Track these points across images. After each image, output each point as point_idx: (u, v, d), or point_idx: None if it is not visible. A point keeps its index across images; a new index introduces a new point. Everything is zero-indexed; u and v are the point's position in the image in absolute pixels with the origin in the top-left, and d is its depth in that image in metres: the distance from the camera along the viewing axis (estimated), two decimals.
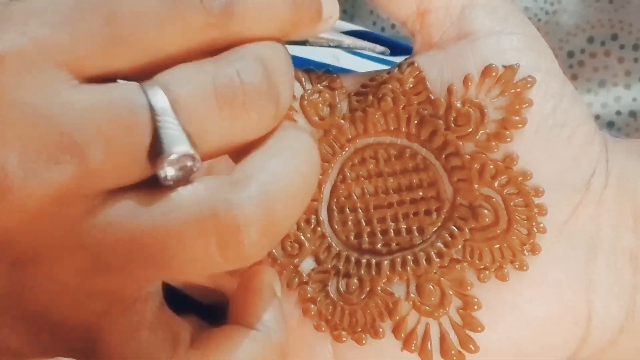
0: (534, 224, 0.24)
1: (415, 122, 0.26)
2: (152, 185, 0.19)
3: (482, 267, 0.24)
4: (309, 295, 0.25)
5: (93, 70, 0.19)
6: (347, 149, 0.27)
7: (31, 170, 0.18)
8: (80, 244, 0.19)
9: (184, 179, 0.19)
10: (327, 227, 0.26)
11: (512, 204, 0.24)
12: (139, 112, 0.19)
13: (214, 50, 0.21)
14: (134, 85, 0.19)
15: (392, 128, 0.26)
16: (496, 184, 0.24)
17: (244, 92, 0.20)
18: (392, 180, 0.26)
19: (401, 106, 0.26)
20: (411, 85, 0.26)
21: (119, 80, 0.20)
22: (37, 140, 0.18)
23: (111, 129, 0.18)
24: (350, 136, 0.27)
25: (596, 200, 0.25)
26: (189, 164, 0.19)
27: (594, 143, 0.25)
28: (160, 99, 0.19)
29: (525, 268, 0.24)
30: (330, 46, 0.27)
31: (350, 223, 0.26)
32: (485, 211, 0.24)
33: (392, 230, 0.25)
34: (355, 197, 0.26)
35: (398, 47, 0.36)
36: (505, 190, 0.24)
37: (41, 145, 0.18)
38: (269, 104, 0.21)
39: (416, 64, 0.26)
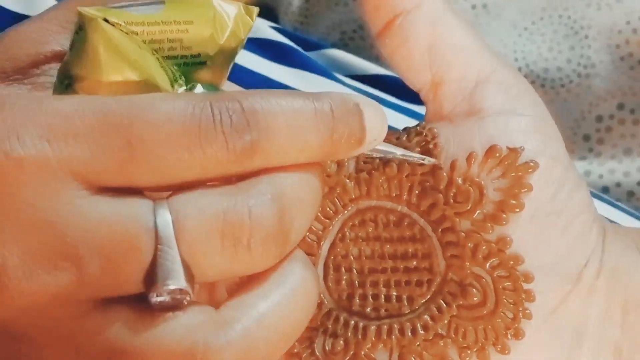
0: (520, 309, 0.24)
1: (417, 192, 0.26)
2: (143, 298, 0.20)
3: (464, 345, 0.24)
4: (295, 350, 0.26)
5: (108, 183, 0.20)
6: (349, 208, 0.27)
7: (30, 271, 0.19)
8: (68, 341, 0.20)
9: (173, 307, 0.20)
10: (322, 283, 0.27)
11: (501, 286, 0.24)
12: (143, 236, 0.19)
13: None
14: (144, 205, 0.19)
15: (394, 194, 0.27)
16: (487, 265, 0.25)
17: (251, 233, 0.20)
18: (388, 246, 0.26)
19: (405, 174, 0.26)
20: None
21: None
22: (41, 245, 0.19)
23: (113, 247, 0.19)
24: (353, 196, 0.27)
25: (586, 290, 0.25)
26: (180, 296, 0.19)
27: (591, 233, 0.25)
28: (166, 227, 0.19)
29: (507, 352, 0.24)
30: None
31: (344, 282, 0.27)
32: (474, 290, 0.25)
33: (383, 296, 0.26)
34: (352, 257, 0.27)
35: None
36: (495, 272, 0.25)
37: (44, 249, 0.19)
38: (275, 247, 0.20)
39: (424, 134, 0.26)
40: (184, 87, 0.22)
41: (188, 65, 0.23)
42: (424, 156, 0.26)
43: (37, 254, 0.19)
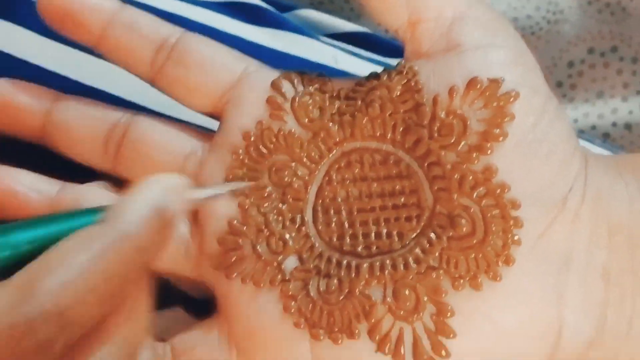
0: (509, 235, 0.25)
1: (401, 129, 0.26)
2: None
3: (457, 275, 0.25)
4: (290, 292, 0.26)
5: None
6: (334, 152, 0.27)
7: None
8: None
9: None
10: (312, 227, 0.27)
11: (489, 215, 0.25)
12: None
13: None
14: None
15: (378, 134, 0.27)
16: (475, 194, 0.25)
17: None
18: (375, 185, 0.27)
19: (388, 113, 0.26)
20: (399, 93, 0.26)
21: None
22: None
23: None
24: (337, 139, 0.27)
25: (572, 216, 0.25)
26: None
27: (573, 160, 0.26)
28: None
29: (498, 279, 0.24)
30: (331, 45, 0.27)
31: (333, 224, 0.27)
32: (463, 221, 0.25)
33: (373, 234, 0.26)
34: (339, 199, 0.27)
35: (396, 48, 0.37)
36: (483, 202, 0.25)
37: None
38: None
39: (404, 73, 0.27)
40: None
41: None
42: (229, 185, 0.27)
43: None
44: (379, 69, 0.28)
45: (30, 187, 0.29)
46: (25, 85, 0.30)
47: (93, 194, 0.29)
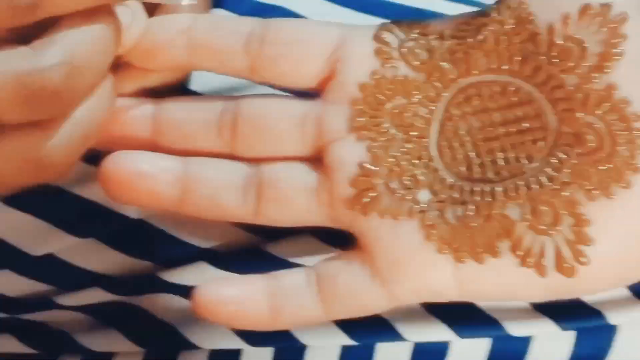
0: (635, 145, 0.26)
1: (518, 59, 0.28)
2: None
3: (590, 187, 0.26)
4: (429, 222, 0.28)
5: None
6: (450, 88, 0.29)
7: None
8: None
9: None
10: (439, 162, 0.29)
11: (614, 129, 0.27)
12: None
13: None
14: None
15: (493, 66, 0.28)
16: (599, 111, 0.27)
17: (42, 93, 0.24)
18: (497, 115, 0.28)
19: (503, 46, 0.28)
20: (512, 26, 0.28)
21: None
22: None
23: None
24: (452, 77, 0.29)
25: None
26: None
27: None
28: None
29: (629, 186, 0.26)
30: None
31: (459, 156, 0.28)
32: (590, 137, 0.27)
33: (501, 160, 0.28)
34: (462, 132, 0.29)
35: None
36: (607, 117, 0.27)
37: None
38: (62, 104, 0.25)
39: (514, 6, 0.28)
40: None
41: None
42: None
43: None
44: (468, 8, 0.30)
45: (156, 166, 0.30)
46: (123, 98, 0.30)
47: (216, 167, 0.30)
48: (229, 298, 0.29)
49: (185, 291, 0.33)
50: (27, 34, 0.25)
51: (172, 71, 0.31)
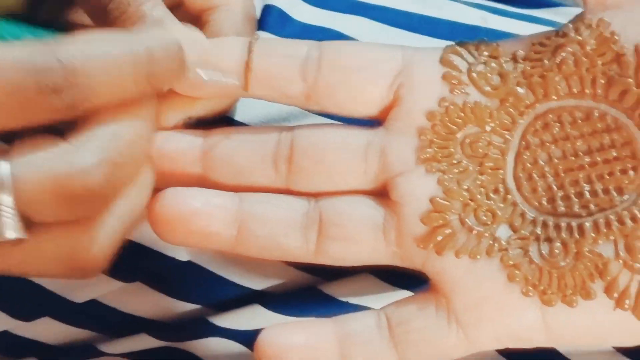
0: None
1: (602, 82, 0.26)
2: None
3: None
4: (511, 262, 0.25)
5: None
6: (527, 115, 0.27)
7: None
8: None
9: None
10: (517, 194, 0.26)
11: None
12: None
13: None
14: None
15: (575, 91, 0.26)
16: None
17: (84, 194, 0.23)
18: (580, 143, 0.26)
19: (584, 68, 0.26)
20: (593, 47, 0.26)
21: None
22: None
23: None
24: (528, 102, 0.27)
25: None
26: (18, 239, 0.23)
27: None
28: (5, 186, 0.22)
29: None
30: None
31: (540, 189, 0.26)
32: None
33: (587, 192, 0.26)
34: (541, 162, 0.26)
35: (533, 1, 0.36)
36: None
37: None
38: (102, 202, 0.24)
39: (595, 25, 0.26)
40: None
41: None
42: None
43: None
44: (529, 26, 0.28)
45: (210, 203, 0.28)
46: (172, 131, 0.28)
47: (274, 203, 0.28)
48: (297, 346, 0.26)
49: (237, 335, 0.31)
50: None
51: (219, 99, 0.29)
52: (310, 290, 0.31)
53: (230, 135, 0.28)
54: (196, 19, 0.30)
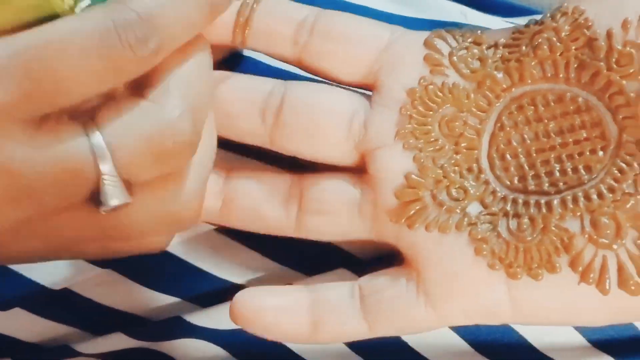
0: None
1: (575, 66, 0.27)
2: None
3: None
4: (479, 236, 0.26)
5: (42, 113, 0.22)
6: (503, 98, 0.28)
7: None
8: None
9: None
10: (490, 173, 0.27)
11: None
12: (85, 167, 0.22)
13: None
14: (80, 138, 0.22)
15: (549, 75, 0.27)
16: None
17: (174, 147, 0.23)
18: (552, 124, 0.27)
19: (558, 53, 0.27)
20: (567, 33, 0.27)
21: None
22: (3, 197, 0.22)
23: (62, 180, 0.22)
24: (505, 86, 0.28)
25: None
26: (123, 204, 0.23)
27: None
28: (104, 156, 0.22)
29: None
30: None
31: (512, 168, 0.27)
32: None
33: (557, 171, 0.26)
34: (515, 143, 0.27)
35: (507, 7, 0.37)
36: None
37: (6, 192, 0.21)
38: (192, 149, 0.24)
39: (570, 13, 0.27)
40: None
41: None
42: None
43: (4, 197, 0.22)
44: (508, 24, 0.29)
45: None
46: None
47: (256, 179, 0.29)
48: (268, 307, 0.27)
49: (216, 336, 0.32)
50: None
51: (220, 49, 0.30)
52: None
53: (227, 79, 0.29)
54: None
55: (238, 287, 0.32)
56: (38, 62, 0.21)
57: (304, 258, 0.31)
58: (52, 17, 0.22)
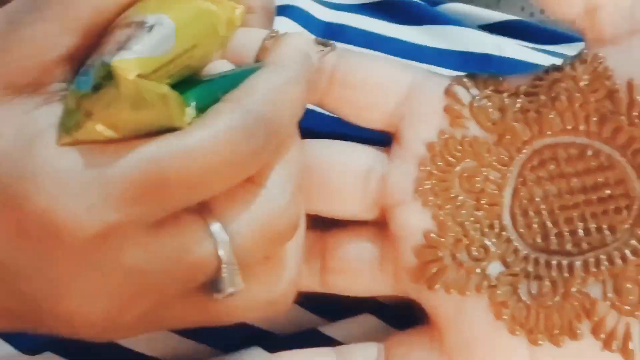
0: None
1: (595, 119, 0.26)
2: None
3: None
4: (499, 299, 0.25)
5: (166, 216, 0.22)
6: (524, 151, 0.27)
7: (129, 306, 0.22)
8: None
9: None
10: (512, 231, 0.26)
11: None
12: (207, 259, 0.22)
13: None
14: (201, 231, 0.22)
15: (569, 127, 0.26)
16: None
17: (287, 231, 0.24)
18: (575, 181, 0.26)
19: (577, 104, 0.26)
20: (587, 83, 0.26)
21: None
22: (133, 286, 0.22)
23: (185, 273, 0.22)
24: (525, 138, 0.27)
25: None
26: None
27: None
28: (225, 247, 0.22)
29: None
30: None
31: (535, 226, 0.26)
32: None
33: (580, 231, 0.25)
34: (537, 199, 0.26)
35: (549, 34, 0.36)
36: None
37: (134, 289, 0.22)
38: (294, 232, 0.24)
39: (589, 61, 0.26)
40: (193, 110, 0.23)
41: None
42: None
43: (133, 294, 0.22)
44: (546, 57, 0.28)
45: None
46: None
47: None
48: None
49: None
50: None
51: None
52: (310, 332, 0.31)
53: None
54: None
55: (262, 333, 0.32)
56: (176, 172, 0.21)
57: (328, 302, 0.31)
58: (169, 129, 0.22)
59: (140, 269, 0.22)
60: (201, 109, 0.22)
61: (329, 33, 0.36)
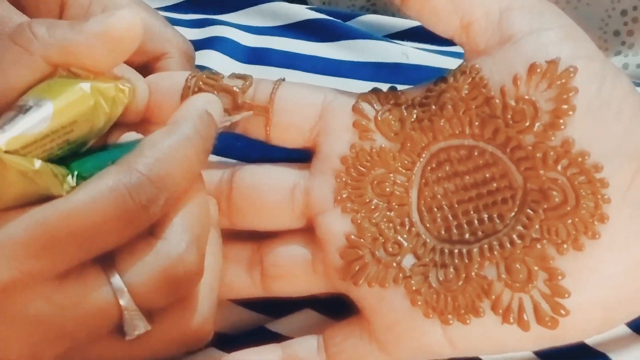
0: (598, 196, 0.27)
1: (477, 123, 0.29)
2: None
3: (559, 241, 0.27)
4: (414, 287, 0.29)
5: (70, 268, 0.25)
6: (423, 155, 0.30)
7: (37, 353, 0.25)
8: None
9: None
10: (420, 226, 0.30)
11: (576, 182, 0.27)
12: (109, 307, 0.25)
13: None
14: (101, 282, 0.25)
15: (457, 132, 0.30)
16: (559, 167, 0.28)
17: (186, 275, 0.26)
18: (467, 178, 0.29)
19: (461, 111, 0.29)
20: (467, 92, 0.29)
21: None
22: (43, 334, 0.25)
23: (90, 320, 0.25)
24: (423, 144, 0.30)
25: None
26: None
27: None
28: (123, 295, 0.25)
29: (597, 236, 0.27)
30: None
31: (439, 219, 0.30)
32: (554, 192, 0.28)
33: (476, 221, 0.29)
34: (439, 196, 0.30)
35: None
36: (568, 172, 0.27)
37: (44, 337, 0.25)
38: (199, 274, 0.27)
39: (468, 72, 0.29)
40: (71, 180, 0.26)
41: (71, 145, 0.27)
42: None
43: (42, 340, 0.25)
44: (447, 59, 0.31)
45: None
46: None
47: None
48: None
49: None
50: None
51: None
52: (259, 329, 0.35)
53: None
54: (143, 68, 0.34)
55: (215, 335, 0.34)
56: (63, 231, 0.24)
57: (273, 302, 0.34)
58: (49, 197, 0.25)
59: (44, 319, 0.25)
60: (90, 176, 0.25)
61: (255, 57, 0.39)
